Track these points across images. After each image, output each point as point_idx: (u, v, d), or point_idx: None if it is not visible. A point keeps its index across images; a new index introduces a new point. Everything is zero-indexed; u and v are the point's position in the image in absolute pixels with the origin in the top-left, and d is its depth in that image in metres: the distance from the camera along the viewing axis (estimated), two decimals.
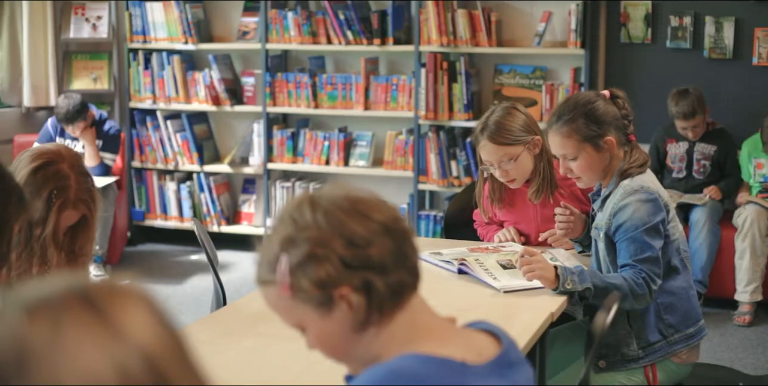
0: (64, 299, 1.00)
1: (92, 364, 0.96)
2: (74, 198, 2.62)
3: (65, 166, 2.63)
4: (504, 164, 3.49)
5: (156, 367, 0.98)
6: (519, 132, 3.48)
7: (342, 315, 1.53)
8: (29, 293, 1.02)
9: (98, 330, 0.98)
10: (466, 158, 6.41)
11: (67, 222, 2.64)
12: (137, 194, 7.30)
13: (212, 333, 2.68)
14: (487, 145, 3.48)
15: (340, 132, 6.77)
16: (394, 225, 1.55)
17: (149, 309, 1.04)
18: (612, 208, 3.02)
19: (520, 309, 2.89)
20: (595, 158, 3.08)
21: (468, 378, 1.46)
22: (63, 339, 0.97)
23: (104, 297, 1.02)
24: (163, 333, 1.02)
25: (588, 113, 3.06)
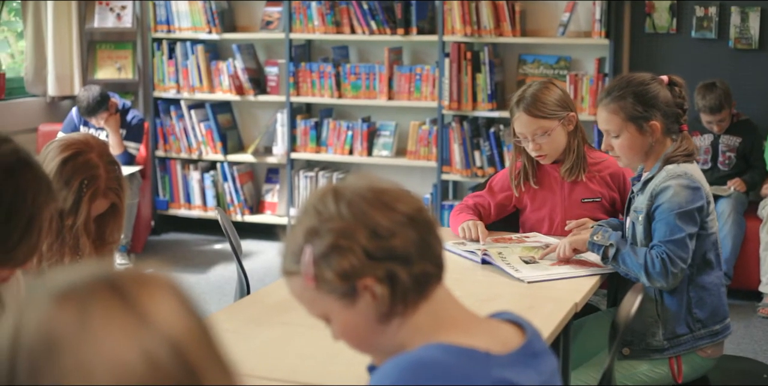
0: (91, 286, 1.01)
1: (120, 352, 0.96)
2: (104, 188, 2.64)
3: (94, 156, 2.64)
4: (538, 137, 3.47)
5: (183, 355, 0.98)
6: (554, 106, 3.47)
7: (366, 306, 1.53)
8: (57, 280, 1.02)
9: (125, 318, 0.98)
10: (490, 148, 6.40)
11: (98, 211, 2.66)
12: (161, 183, 7.33)
13: (236, 322, 2.68)
14: (522, 117, 3.47)
15: (363, 122, 6.77)
16: (418, 216, 1.55)
17: (176, 297, 1.04)
18: (653, 190, 3.01)
19: (543, 299, 2.89)
20: (636, 139, 3.07)
21: (492, 368, 1.46)
22: (90, 326, 0.97)
23: (131, 285, 1.01)
24: (190, 321, 1.02)
25: (638, 93, 3.05)
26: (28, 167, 1.88)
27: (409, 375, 1.42)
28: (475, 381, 1.43)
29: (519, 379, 1.48)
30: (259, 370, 2.29)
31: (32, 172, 1.88)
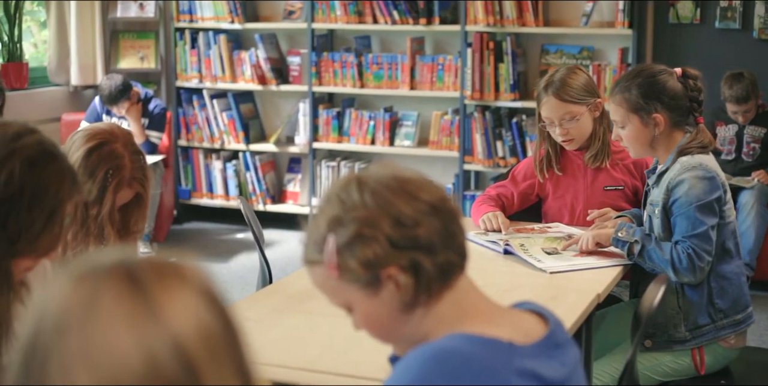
0: (108, 271, 1.00)
1: (120, 343, 0.95)
2: (129, 177, 2.64)
3: (119, 146, 2.65)
4: (565, 122, 3.47)
5: (186, 356, 0.96)
6: (582, 91, 3.46)
7: (389, 295, 1.53)
8: (80, 262, 1.02)
9: (134, 308, 0.97)
10: (512, 139, 6.38)
11: (122, 200, 2.67)
12: (183, 173, 7.34)
13: (258, 311, 2.69)
14: (550, 101, 3.46)
15: (385, 112, 6.76)
16: (441, 205, 1.54)
17: (197, 292, 1.02)
18: (669, 183, 3.00)
19: (566, 290, 2.88)
20: (640, 131, 3.07)
21: (515, 358, 1.46)
22: (97, 311, 0.96)
23: (150, 275, 1.00)
24: (205, 320, 0.99)
25: (644, 85, 3.04)
26: (53, 159, 1.89)
27: (432, 365, 1.41)
28: (498, 371, 1.43)
29: (542, 370, 1.48)
30: (280, 359, 2.29)
31: (56, 164, 1.88)
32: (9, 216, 1.81)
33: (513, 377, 1.43)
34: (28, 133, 1.87)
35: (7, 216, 1.81)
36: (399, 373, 1.44)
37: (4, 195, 1.80)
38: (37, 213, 1.83)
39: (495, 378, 1.41)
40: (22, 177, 1.82)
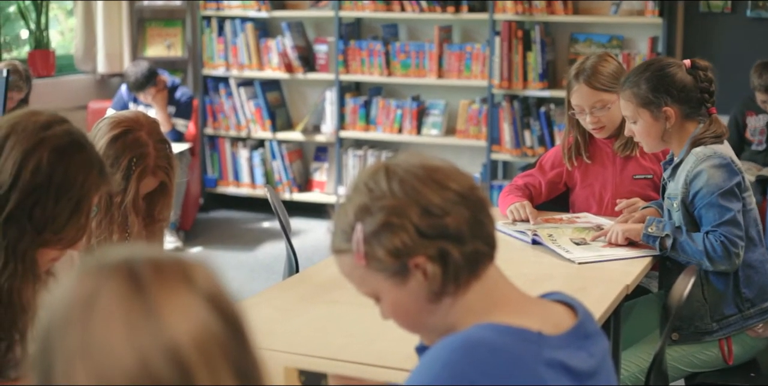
0: (111, 269, 0.99)
1: (115, 343, 0.94)
2: (153, 166, 2.64)
3: (144, 134, 2.64)
4: (596, 110, 3.44)
5: (180, 361, 0.95)
6: (613, 79, 3.41)
7: (417, 284, 1.52)
8: (93, 256, 1.02)
9: (132, 308, 0.96)
10: (540, 128, 6.35)
11: (147, 189, 2.66)
12: (210, 161, 7.35)
13: (285, 300, 2.68)
14: (581, 89, 3.43)
15: (412, 100, 6.74)
16: (470, 194, 1.53)
17: (200, 295, 1.00)
18: (686, 176, 2.97)
19: (594, 281, 2.86)
20: (651, 125, 3.05)
21: (544, 348, 1.44)
22: (97, 309, 0.96)
23: (152, 275, 0.99)
24: (204, 325, 0.98)
25: (653, 79, 3.02)
26: (81, 149, 1.88)
27: (460, 354, 1.40)
28: (527, 361, 1.41)
29: (570, 361, 1.47)
30: (306, 348, 2.28)
31: (84, 155, 1.88)
32: (36, 205, 1.81)
33: (541, 367, 1.42)
34: (57, 122, 1.87)
35: (34, 206, 1.81)
36: (426, 363, 1.43)
37: (31, 185, 1.81)
38: (64, 204, 1.83)
39: (523, 368, 1.40)
40: (49, 166, 1.82)
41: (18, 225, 1.82)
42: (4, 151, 1.82)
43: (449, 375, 1.38)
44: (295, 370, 1.73)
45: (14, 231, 1.82)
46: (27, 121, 1.85)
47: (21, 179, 1.80)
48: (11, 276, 1.81)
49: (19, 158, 1.81)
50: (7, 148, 1.82)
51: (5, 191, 1.80)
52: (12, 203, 1.80)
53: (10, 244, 1.81)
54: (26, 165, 1.81)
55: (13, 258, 1.82)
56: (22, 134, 1.83)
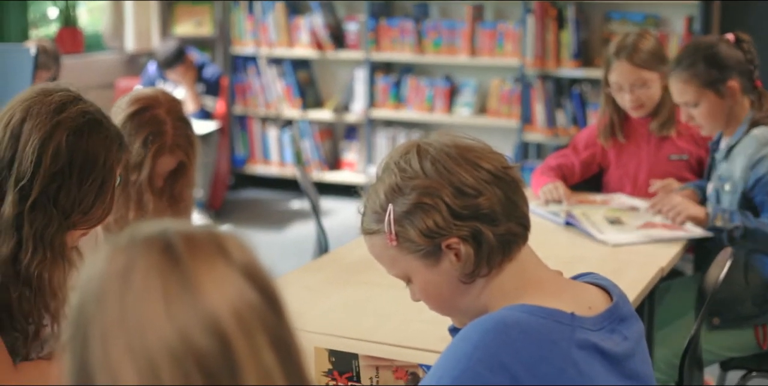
0: (145, 242, 0.98)
1: (154, 317, 0.93)
2: (171, 144, 2.61)
3: (162, 111, 2.62)
4: (636, 89, 3.40)
5: (220, 333, 0.94)
6: (654, 57, 3.39)
7: (449, 266, 1.50)
8: (125, 232, 1.01)
9: (168, 282, 0.95)
10: (573, 108, 6.28)
11: (165, 167, 2.64)
12: (239, 140, 7.35)
13: (315, 281, 2.66)
14: (622, 66, 3.38)
15: (444, 79, 6.69)
16: (503, 174, 1.51)
17: (236, 268, 0.99)
18: (748, 161, 2.93)
19: (628, 263, 2.82)
20: (716, 104, 3.01)
21: (576, 330, 1.42)
22: (133, 283, 0.95)
23: (188, 248, 0.97)
24: (242, 298, 0.97)
25: (709, 57, 2.99)
26: (98, 127, 1.86)
27: (492, 335, 1.38)
28: (560, 343, 1.39)
29: (604, 343, 1.44)
30: (337, 329, 2.27)
31: (102, 132, 1.85)
32: (60, 190, 1.80)
33: (574, 349, 1.40)
34: (71, 102, 1.84)
35: (58, 191, 1.80)
36: (458, 344, 1.41)
37: (53, 171, 1.79)
38: (89, 185, 1.82)
39: (555, 350, 1.38)
40: (69, 150, 1.80)
41: (44, 212, 1.80)
42: (21, 138, 1.80)
43: (481, 356, 1.36)
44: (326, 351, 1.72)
45: (41, 218, 1.80)
46: (41, 104, 1.82)
47: (42, 166, 1.79)
48: (41, 263, 1.81)
49: (38, 145, 1.79)
50: (24, 134, 1.80)
51: (28, 179, 1.79)
52: (36, 191, 1.79)
53: (37, 232, 1.80)
54: (45, 151, 1.79)
55: (42, 245, 1.81)
56: (37, 119, 1.80)
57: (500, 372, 1.34)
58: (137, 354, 0.92)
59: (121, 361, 0.93)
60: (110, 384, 0.93)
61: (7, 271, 1.80)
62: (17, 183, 1.79)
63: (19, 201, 1.79)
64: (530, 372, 1.34)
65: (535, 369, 1.35)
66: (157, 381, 0.91)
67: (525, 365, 1.35)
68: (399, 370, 1.68)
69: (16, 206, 1.79)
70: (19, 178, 1.79)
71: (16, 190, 1.79)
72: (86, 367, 0.95)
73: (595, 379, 1.40)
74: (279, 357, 0.97)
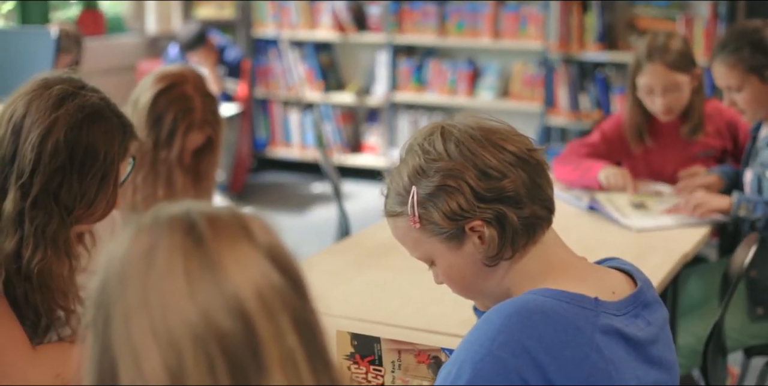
0: (169, 223, 0.98)
1: (177, 297, 0.93)
2: (200, 120, 2.62)
3: (189, 88, 2.62)
4: (668, 92, 3.31)
5: (243, 314, 0.94)
6: (685, 58, 3.31)
7: (473, 248, 1.49)
8: (148, 213, 1.00)
9: (191, 262, 0.95)
10: (597, 92, 6.24)
11: (193, 144, 2.64)
12: (260, 123, 7.34)
13: (337, 264, 2.66)
14: (656, 68, 3.28)
15: (466, 62, 6.66)
16: (528, 157, 1.49)
17: (260, 248, 0.98)
18: None
19: (652, 249, 2.80)
20: (760, 90, 2.99)
21: (600, 315, 1.40)
22: (156, 263, 0.95)
23: (211, 229, 0.97)
24: (265, 278, 0.96)
25: (754, 42, 2.96)
26: (98, 120, 1.82)
27: (515, 320, 1.37)
28: (583, 328, 1.38)
29: (628, 328, 1.43)
30: (358, 312, 2.26)
31: (101, 125, 1.82)
32: (61, 187, 1.79)
33: (597, 334, 1.38)
34: (69, 96, 1.80)
35: (59, 188, 1.79)
36: (480, 328, 1.40)
37: (53, 167, 1.77)
38: (90, 180, 1.81)
39: (578, 334, 1.37)
40: (68, 145, 1.78)
41: (45, 209, 1.79)
42: (22, 133, 1.78)
43: (503, 340, 1.35)
44: (348, 334, 1.71)
45: (42, 215, 1.79)
46: (40, 98, 1.80)
47: (42, 163, 1.77)
48: (42, 260, 1.79)
49: (37, 142, 1.77)
50: (24, 130, 1.78)
51: (28, 177, 1.77)
52: (36, 188, 1.77)
53: (38, 229, 1.78)
54: (45, 148, 1.77)
55: (43, 242, 1.79)
56: (36, 115, 1.78)
57: (522, 357, 1.33)
58: (160, 334, 0.92)
59: (144, 342, 0.93)
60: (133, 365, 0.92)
61: (10, 267, 1.79)
62: (18, 180, 1.77)
63: (20, 199, 1.77)
64: (553, 357, 1.33)
65: (558, 354, 1.34)
66: (180, 361, 0.91)
67: (547, 349, 1.34)
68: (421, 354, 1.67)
69: (17, 203, 1.78)
70: (20, 174, 1.77)
71: (17, 187, 1.77)
72: (108, 348, 0.95)
73: (618, 364, 1.39)
74: (302, 339, 0.97)
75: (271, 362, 0.93)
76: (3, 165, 1.80)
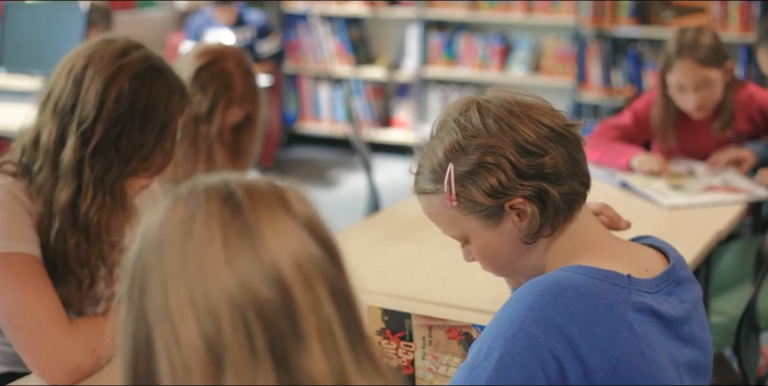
0: (207, 192, 0.98)
1: (215, 266, 0.93)
2: (239, 96, 2.64)
3: (230, 64, 2.64)
4: (700, 88, 3.25)
5: (281, 283, 0.94)
6: (717, 53, 3.24)
7: (511, 226, 1.46)
8: (189, 183, 1.00)
9: (231, 232, 0.95)
10: (629, 67, 6.19)
11: (233, 120, 2.66)
12: (290, 98, 7.33)
13: (367, 239, 2.65)
14: (687, 65, 3.22)
15: (498, 37, 6.61)
16: (565, 132, 1.46)
17: (298, 219, 0.98)
18: None
19: (685, 226, 2.78)
20: None
21: (633, 292, 1.39)
22: (193, 232, 0.95)
23: (249, 199, 0.97)
24: (303, 248, 0.96)
25: None
26: (161, 73, 1.88)
27: (547, 297, 1.35)
28: (615, 306, 1.36)
29: (660, 306, 1.42)
30: (388, 288, 2.26)
31: (164, 79, 1.87)
32: (121, 135, 1.82)
33: (629, 311, 1.37)
34: (133, 48, 1.86)
35: (120, 136, 1.82)
36: (512, 304, 1.38)
37: (115, 115, 1.81)
38: (149, 131, 1.83)
39: (610, 312, 1.35)
40: (131, 94, 1.82)
41: (105, 157, 1.82)
42: (84, 83, 1.82)
43: (535, 317, 1.33)
44: (379, 309, 1.70)
45: (102, 162, 1.82)
46: (103, 50, 1.84)
47: (104, 110, 1.80)
48: (100, 209, 1.82)
49: (101, 89, 1.80)
50: (86, 79, 1.82)
51: (90, 123, 1.80)
52: (98, 135, 1.80)
53: (98, 176, 1.82)
54: (108, 95, 1.80)
55: (102, 191, 1.83)
56: (99, 64, 1.82)
57: (554, 334, 1.32)
58: (198, 302, 0.92)
59: (181, 310, 0.93)
60: (169, 334, 0.92)
61: (65, 217, 1.82)
62: (79, 127, 1.80)
63: (80, 146, 1.80)
64: (584, 334, 1.32)
65: (590, 331, 1.32)
66: (217, 329, 0.91)
67: (579, 326, 1.32)
68: (452, 330, 1.66)
69: (77, 150, 1.80)
70: (81, 121, 1.80)
71: (78, 135, 1.80)
72: (144, 318, 0.94)
73: (650, 341, 1.37)
74: (339, 309, 0.97)
75: (308, 331, 0.93)
76: (63, 114, 1.82)
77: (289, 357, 0.92)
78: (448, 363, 1.67)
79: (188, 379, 0.91)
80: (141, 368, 0.95)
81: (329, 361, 0.94)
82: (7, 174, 1.86)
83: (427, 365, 1.68)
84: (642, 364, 1.35)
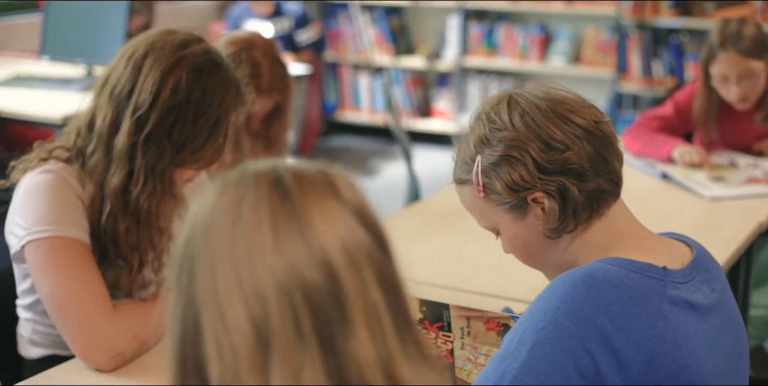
0: (255, 177, 0.98)
1: (264, 250, 0.94)
2: (267, 85, 2.63)
3: (258, 53, 2.64)
4: (744, 80, 3.21)
5: (329, 268, 0.94)
6: (760, 44, 3.20)
7: (535, 220, 1.48)
8: (238, 168, 1.01)
9: (279, 217, 0.95)
10: (670, 58, 6.14)
11: (262, 109, 2.66)
12: (329, 87, 7.34)
13: (407, 228, 2.66)
14: (731, 56, 3.19)
15: (538, 27, 6.59)
16: (595, 129, 1.47)
17: (346, 204, 0.99)
18: None
19: (726, 217, 2.76)
20: None
21: (668, 285, 1.39)
22: (242, 217, 0.95)
23: (297, 184, 0.98)
24: (351, 234, 0.97)
25: None
26: (218, 68, 1.90)
27: (580, 289, 1.35)
28: (650, 298, 1.36)
29: (694, 296, 1.41)
30: (427, 276, 2.26)
31: (222, 74, 1.89)
32: (175, 125, 1.84)
33: (665, 305, 1.36)
34: (195, 41, 1.89)
35: (173, 125, 1.84)
36: (545, 296, 1.39)
37: (170, 104, 1.83)
38: (202, 123, 1.86)
39: (645, 304, 1.35)
40: (188, 85, 1.84)
41: (158, 145, 1.84)
42: (143, 70, 1.84)
43: (567, 309, 1.34)
44: (417, 300, 1.71)
45: (154, 150, 1.84)
46: (164, 40, 1.87)
47: (161, 98, 1.82)
48: (150, 195, 1.85)
49: (159, 77, 1.83)
50: (146, 67, 1.84)
51: (145, 110, 1.82)
52: (152, 122, 1.83)
53: (149, 163, 1.84)
54: (165, 84, 1.83)
55: (152, 177, 1.85)
56: (160, 53, 1.84)
57: (587, 326, 1.32)
58: (246, 286, 0.93)
59: (229, 293, 0.93)
60: (217, 317, 0.93)
61: (116, 202, 1.85)
62: (134, 113, 1.83)
63: (134, 132, 1.83)
64: (618, 327, 1.32)
65: (624, 324, 1.33)
66: (265, 313, 0.92)
67: (612, 320, 1.32)
68: (490, 321, 1.66)
69: (131, 136, 1.83)
70: (137, 108, 1.82)
71: (133, 120, 1.82)
72: (192, 302, 0.96)
73: (686, 333, 1.37)
74: (385, 294, 0.97)
75: (355, 316, 0.94)
76: (119, 100, 1.85)
77: (336, 342, 0.93)
78: (487, 353, 1.68)
79: (236, 363, 0.92)
80: (189, 352, 0.96)
81: (376, 346, 0.94)
82: (58, 160, 1.89)
83: (466, 355, 1.69)
84: (679, 356, 1.35)
